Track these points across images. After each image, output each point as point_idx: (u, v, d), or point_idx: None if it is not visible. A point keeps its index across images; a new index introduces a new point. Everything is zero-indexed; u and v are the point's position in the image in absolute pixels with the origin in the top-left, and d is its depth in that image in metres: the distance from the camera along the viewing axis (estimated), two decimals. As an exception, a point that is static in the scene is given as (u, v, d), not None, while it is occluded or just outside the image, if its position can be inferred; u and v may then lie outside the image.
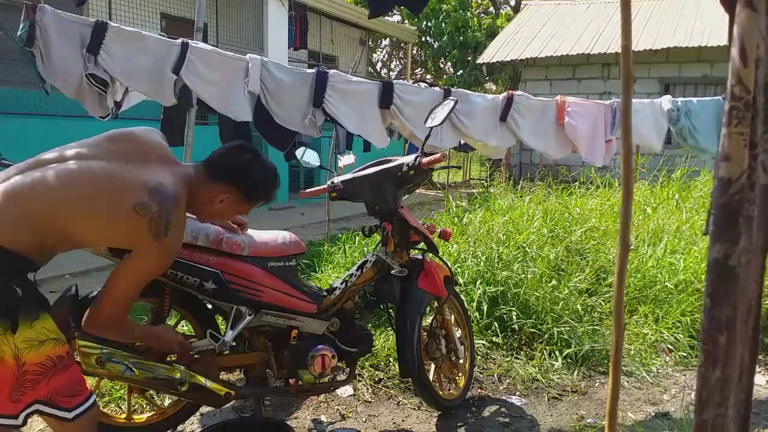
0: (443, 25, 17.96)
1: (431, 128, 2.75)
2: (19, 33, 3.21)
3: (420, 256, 2.83)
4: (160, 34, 3.84)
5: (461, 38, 17.78)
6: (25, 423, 1.69)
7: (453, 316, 3.03)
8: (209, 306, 2.44)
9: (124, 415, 2.48)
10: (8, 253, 1.61)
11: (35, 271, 1.74)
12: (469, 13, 18.73)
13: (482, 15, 20.35)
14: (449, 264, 3.15)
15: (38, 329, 1.64)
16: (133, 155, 1.85)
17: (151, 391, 2.54)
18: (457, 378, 3.03)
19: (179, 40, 3.66)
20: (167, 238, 1.78)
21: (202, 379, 2.25)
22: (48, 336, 1.66)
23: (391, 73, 23.87)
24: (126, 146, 1.88)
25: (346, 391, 3.08)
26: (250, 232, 2.42)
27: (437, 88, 4.90)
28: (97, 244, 1.95)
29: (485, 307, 3.72)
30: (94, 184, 1.75)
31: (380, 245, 2.70)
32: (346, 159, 3.39)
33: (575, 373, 3.38)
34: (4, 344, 1.59)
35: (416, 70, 21.94)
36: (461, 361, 2.96)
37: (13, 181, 1.71)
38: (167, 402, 2.68)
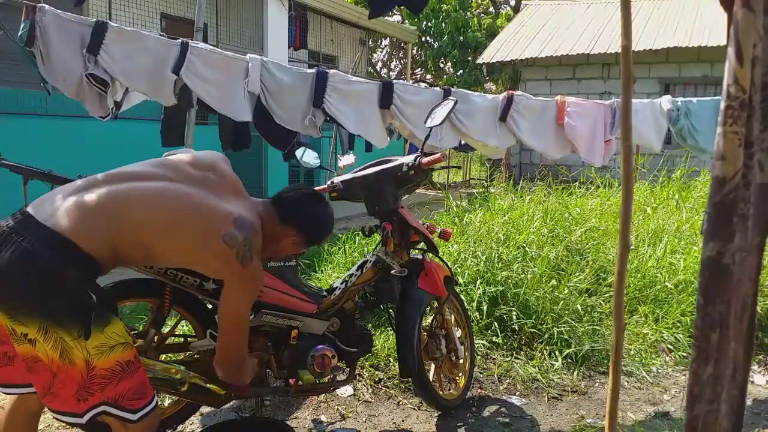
0: (443, 25, 17.95)
1: (431, 128, 2.76)
2: (19, 33, 3.22)
3: (420, 256, 2.83)
4: (160, 34, 3.85)
5: (461, 38, 17.77)
6: (89, 424, 1.70)
7: (453, 316, 3.03)
8: (209, 306, 2.44)
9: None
10: (86, 258, 1.66)
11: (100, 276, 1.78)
12: (469, 13, 18.72)
13: (482, 15, 20.36)
14: (449, 264, 3.16)
15: (109, 334, 1.67)
16: (215, 184, 1.95)
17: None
18: (457, 378, 3.03)
19: (179, 40, 3.66)
20: (253, 263, 1.90)
21: (201, 379, 2.26)
22: (118, 341, 1.69)
23: (391, 73, 23.87)
24: (208, 174, 1.97)
25: (346, 391, 3.09)
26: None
27: (437, 88, 4.90)
28: (175, 265, 2.04)
29: (485, 307, 3.72)
30: (186, 210, 1.84)
31: (380, 245, 2.71)
32: (346, 159, 3.39)
33: (575, 373, 3.39)
34: (76, 348, 1.61)
35: (416, 70, 21.94)
36: (461, 361, 2.97)
37: (104, 190, 1.77)
38: (167, 402, 2.68)
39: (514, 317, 3.67)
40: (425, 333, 2.86)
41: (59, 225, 1.64)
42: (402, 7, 4.17)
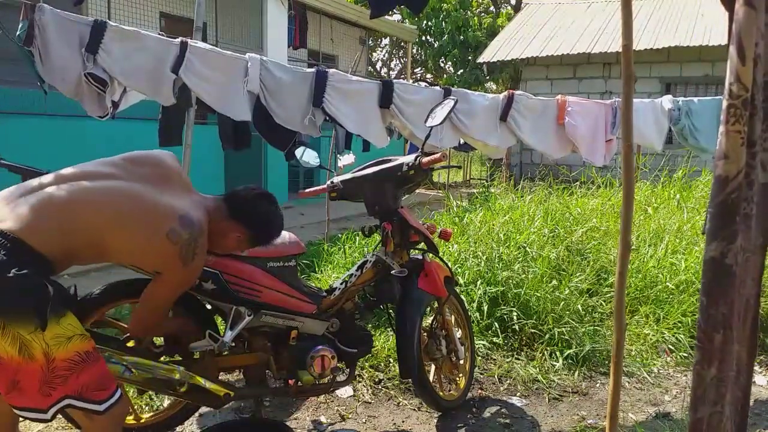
0: (444, 24, 17.93)
1: (431, 128, 2.75)
2: (18, 32, 3.21)
3: (420, 257, 2.82)
4: (159, 34, 3.84)
5: (461, 37, 17.75)
6: (53, 418, 1.71)
7: (453, 317, 3.02)
8: (208, 306, 2.43)
9: (130, 417, 2.47)
10: (42, 258, 1.69)
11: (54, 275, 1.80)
12: (469, 13, 18.70)
13: (483, 14, 20.33)
14: (449, 264, 3.15)
15: (65, 326, 1.69)
16: (162, 181, 1.97)
17: (150, 392, 2.54)
18: (457, 379, 3.02)
19: (178, 40, 3.65)
20: (193, 263, 1.93)
21: (201, 380, 2.25)
22: (75, 332, 1.71)
23: (391, 72, 23.86)
24: (152, 171, 1.99)
25: (345, 391, 3.08)
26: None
27: (437, 88, 4.89)
28: (123, 262, 2.03)
29: (486, 308, 3.71)
30: (132, 207, 1.86)
31: (380, 245, 2.70)
32: (346, 159, 3.38)
33: (576, 373, 3.38)
34: (34, 341, 1.62)
35: (416, 70, 21.92)
36: (461, 361, 2.96)
37: (54, 189, 1.80)
38: (167, 402, 2.67)
39: (515, 318, 3.66)
40: (425, 333, 2.84)
41: (11, 226, 1.67)
42: (402, 7, 4.16)
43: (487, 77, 17.51)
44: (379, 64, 23.64)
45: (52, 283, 1.70)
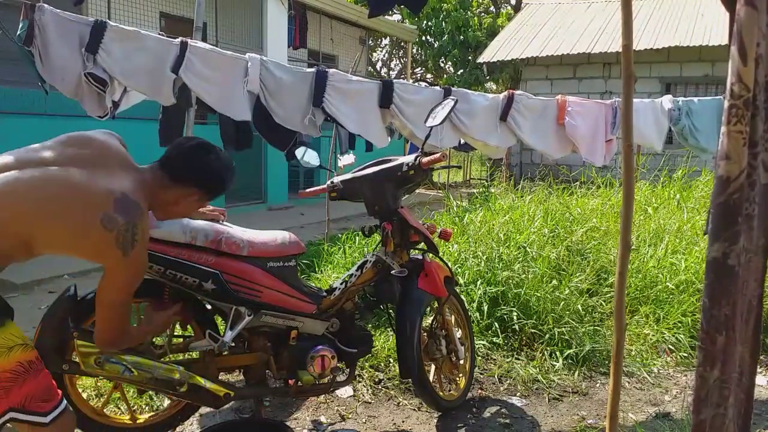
0: (443, 24, 17.93)
1: (431, 128, 2.75)
2: (18, 32, 3.21)
3: (420, 257, 2.82)
4: (159, 34, 3.84)
5: (461, 37, 17.75)
6: None
7: (453, 317, 3.02)
8: (208, 306, 2.43)
9: (126, 416, 2.47)
10: None
11: None
12: (469, 13, 18.70)
13: (483, 14, 20.32)
14: (449, 264, 3.15)
15: (5, 336, 1.61)
16: (94, 161, 1.79)
17: (150, 392, 2.54)
18: (457, 379, 3.02)
19: (178, 40, 3.65)
20: (134, 251, 1.74)
21: (201, 380, 2.25)
22: (15, 342, 1.63)
23: (391, 72, 23.86)
24: (86, 152, 1.82)
25: (345, 391, 3.08)
26: (249, 232, 2.41)
27: (437, 88, 4.89)
28: (61, 254, 1.87)
29: (486, 308, 3.71)
30: (61, 193, 1.69)
31: (380, 245, 2.69)
32: (346, 159, 3.38)
33: (576, 373, 3.37)
34: None
35: (416, 70, 21.92)
36: (461, 361, 2.95)
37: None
38: (166, 403, 2.67)
39: (515, 318, 3.66)
40: (425, 333, 2.84)
41: None
42: (402, 6, 4.16)
43: (487, 77, 17.51)
44: (379, 64, 23.64)
45: None
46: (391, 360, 3.32)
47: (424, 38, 18.96)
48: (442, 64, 20.31)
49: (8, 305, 1.72)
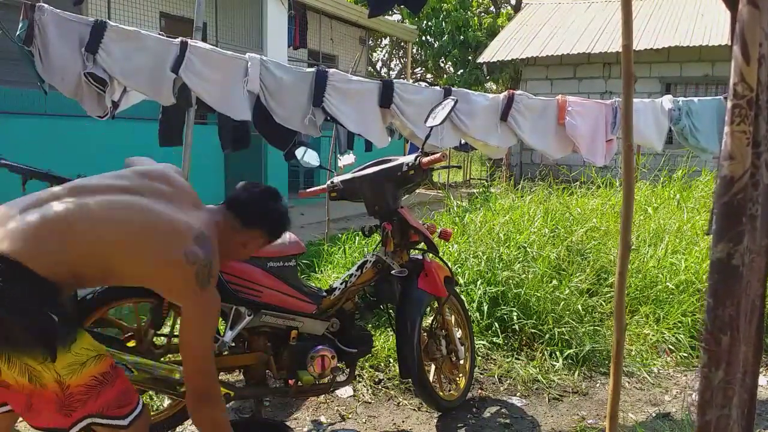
0: (444, 24, 17.93)
1: (431, 128, 2.74)
2: (17, 32, 3.20)
3: (420, 257, 2.82)
4: (159, 34, 3.83)
5: (462, 37, 17.75)
6: None
7: (453, 317, 3.01)
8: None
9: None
10: (44, 282, 1.53)
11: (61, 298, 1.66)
12: (469, 13, 18.70)
13: (483, 14, 20.32)
14: (449, 264, 3.14)
15: (77, 351, 1.58)
16: (172, 196, 1.83)
17: (150, 392, 2.53)
18: (457, 379, 3.02)
19: (178, 40, 3.64)
20: (210, 287, 1.76)
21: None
22: (89, 356, 1.61)
23: (391, 72, 23.86)
24: (164, 186, 1.85)
25: (345, 391, 3.07)
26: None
27: (437, 88, 4.88)
28: (136, 284, 1.90)
29: (486, 308, 3.70)
30: (145, 225, 1.71)
31: (380, 245, 2.69)
32: (346, 159, 3.38)
33: (576, 373, 3.37)
34: (45, 372, 1.52)
35: (416, 70, 21.92)
36: (461, 361, 2.95)
37: (55, 207, 1.64)
38: (166, 402, 2.67)
39: (515, 318, 3.66)
40: (425, 333, 2.84)
41: (10, 248, 1.52)
42: (402, 6, 4.15)
43: (487, 77, 17.51)
44: (379, 64, 23.64)
45: (57, 309, 1.56)
46: (391, 360, 3.32)
47: (424, 38, 18.95)
48: (442, 64, 20.31)
49: (75, 314, 1.75)
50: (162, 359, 2.32)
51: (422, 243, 2.78)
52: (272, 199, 2.06)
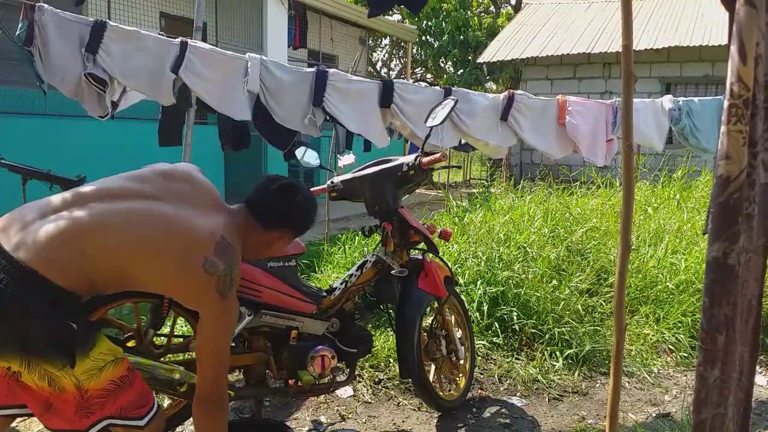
0: (444, 24, 17.93)
1: (431, 128, 2.75)
2: (17, 32, 3.21)
3: (420, 257, 2.82)
4: (159, 34, 3.84)
5: (462, 37, 17.75)
6: None
7: (453, 317, 3.02)
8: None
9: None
10: (62, 291, 1.52)
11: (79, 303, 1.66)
12: (469, 12, 18.71)
13: (483, 14, 20.33)
14: (449, 264, 3.14)
15: (96, 356, 1.59)
16: (193, 199, 1.79)
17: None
18: (457, 379, 3.02)
19: (178, 40, 3.65)
20: (230, 294, 1.74)
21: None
22: (106, 360, 1.61)
23: (391, 72, 23.86)
24: (184, 187, 1.81)
25: (345, 391, 3.08)
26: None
27: (437, 88, 4.88)
28: (154, 291, 1.85)
29: (486, 308, 3.70)
30: (166, 231, 1.67)
31: (380, 245, 2.69)
32: (346, 159, 3.39)
33: (576, 373, 3.37)
34: (64, 377, 1.53)
35: (416, 70, 21.93)
36: (461, 361, 2.95)
37: (73, 211, 1.61)
38: (166, 402, 2.67)
39: (515, 318, 3.66)
40: (425, 333, 2.84)
41: (27, 257, 1.50)
42: (402, 6, 4.16)
43: (487, 77, 17.52)
44: (379, 64, 23.64)
45: (77, 317, 1.56)
46: (391, 360, 3.32)
47: (424, 38, 18.96)
48: (442, 64, 20.31)
49: (94, 321, 1.75)
50: (162, 359, 2.32)
51: (422, 243, 2.78)
52: (292, 196, 1.97)
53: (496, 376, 3.32)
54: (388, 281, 2.69)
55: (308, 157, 2.99)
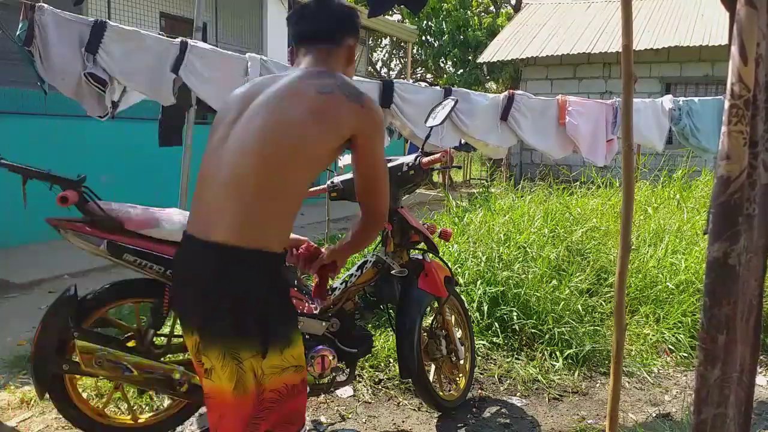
0: (444, 24, 17.94)
1: (431, 128, 2.75)
2: (18, 32, 3.21)
3: (420, 257, 2.82)
4: (159, 34, 3.84)
5: (462, 37, 17.76)
6: None
7: (453, 317, 3.01)
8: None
9: (127, 416, 2.47)
10: (261, 257, 1.46)
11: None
12: (469, 12, 18.71)
13: (483, 14, 20.33)
14: (449, 264, 3.14)
15: (286, 357, 1.51)
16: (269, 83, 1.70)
17: (150, 392, 2.53)
18: (457, 379, 3.02)
19: (178, 40, 3.66)
20: (367, 98, 1.64)
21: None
22: (291, 364, 1.53)
23: (391, 72, 23.86)
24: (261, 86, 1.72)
25: (345, 391, 3.08)
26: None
27: (437, 88, 4.89)
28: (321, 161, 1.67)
29: (486, 308, 3.70)
30: (286, 133, 1.54)
31: (380, 245, 2.69)
32: (346, 159, 3.38)
33: (576, 373, 3.37)
34: (249, 373, 1.46)
35: (416, 70, 21.93)
36: (461, 361, 2.95)
37: (236, 170, 1.52)
38: (166, 403, 2.67)
39: (515, 318, 3.66)
40: (425, 333, 2.84)
41: (225, 237, 1.45)
42: (402, 6, 4.16)
43: (487, 77, 17.53)
44: (379, 64, 23.64)
45: (288, 297, 1.55)
46: (391, 360, 3.32)
47: (424, 38, 18.96)
48: (442, 64, 20.31)
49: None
50: (162, 359, 2.32)
51: (422, 243, 2.78)
52: (322, 6, 1.79)
53: (496, 376, 3.32)
54: (388, 281, 2.69)
55: (308, 157, 2.98)
